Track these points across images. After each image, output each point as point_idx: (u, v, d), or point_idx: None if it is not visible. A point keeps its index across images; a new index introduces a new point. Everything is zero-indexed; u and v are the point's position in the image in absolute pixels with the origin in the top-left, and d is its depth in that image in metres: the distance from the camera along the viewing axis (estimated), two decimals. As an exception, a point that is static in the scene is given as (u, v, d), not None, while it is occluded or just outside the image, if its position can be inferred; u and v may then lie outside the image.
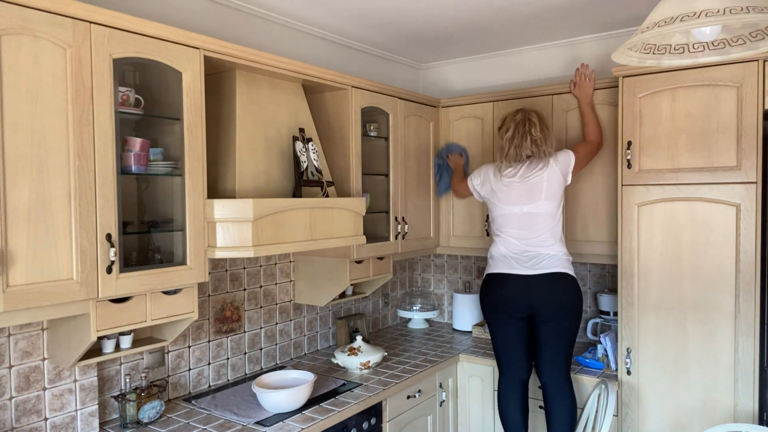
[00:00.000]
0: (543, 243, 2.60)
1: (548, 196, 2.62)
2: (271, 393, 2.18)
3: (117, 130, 1.75)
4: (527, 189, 2.63)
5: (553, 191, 2.63)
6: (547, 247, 2.59)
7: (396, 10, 2.75)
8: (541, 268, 2.57)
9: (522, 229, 2.63)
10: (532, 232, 2.61)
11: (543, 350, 2.60)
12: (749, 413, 2.36)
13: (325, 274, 2.77)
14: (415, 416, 2.74)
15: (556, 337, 2.57)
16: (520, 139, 2.63)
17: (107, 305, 1.77)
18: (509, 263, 2.62)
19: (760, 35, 1.52)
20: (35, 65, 1.55)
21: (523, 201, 2.63)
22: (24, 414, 1.87)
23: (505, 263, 2.64)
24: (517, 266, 2.60)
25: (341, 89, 2.66)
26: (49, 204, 1.59)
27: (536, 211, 2.61)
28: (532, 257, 2.59)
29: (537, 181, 2.62)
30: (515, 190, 2.65)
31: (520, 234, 2.63)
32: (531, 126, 2.63)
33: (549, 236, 2.61)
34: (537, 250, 2.59)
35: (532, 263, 2.58)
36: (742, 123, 2.34)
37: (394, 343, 3.25)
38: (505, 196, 2.67)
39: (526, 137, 2.62)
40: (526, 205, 2.62)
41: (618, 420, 2.66)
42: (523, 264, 2.59)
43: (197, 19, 2.46)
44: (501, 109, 3.12)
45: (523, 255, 2.61)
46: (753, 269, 2.33)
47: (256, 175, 2.25)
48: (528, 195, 2.63)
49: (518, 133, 2.64)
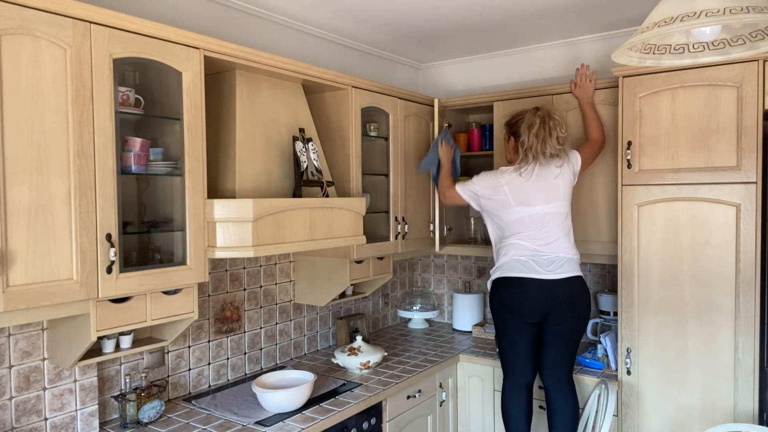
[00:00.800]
0: (561, 246, 2.55)
1: (564, 197, 2.60)
2: (271, 393, 2.18)
3: (117, 130, 1.75)
4: (546, 189, 2.57)
5: (567, 192, 2.62)
6: (564, 250, 2.55)
7: (396, 10, 2.75)
8: (562, 272, 2.52)
9: (539, 229, 2.55)
10: (550, 234, 2.55)
11: (549, 353, 2.57)
12: (749, 413, 2.36)
13: (325, 274, 2.77)
14: (415, 416, 2.74)
15: (564, 340, 2.55)
16: (546, 136, 2.55)
17: (107, 305, 1.77)
18: (529, 266, 2.53)
19: (760, 35, 1.52)
20: (35, 65, 1.55)
21: (543, 201, 2.56)
22: (24, 414, 1.87)
23: (525, 266, 2.54)
24: (539, 269, 2.52)
25: (341, 89, 2.66)
26: (49, 204, 1.59)
27: (555, 212, 2.57)
28: (551, 261, 2.53)
29: (555, 181, 2.58)
30: (534, 190, 2.57)
31: (537, 235, 2.55)
32: (556, 124, 2.56)
33: (565, 239, 2.57)
34: (555, 253, 2.53)
35: (553, 267, 2.52)
36: (742, 123, 2.34)
37: (394, 343, 3.25)
38: (523, 197, 2.57)
39: (552, 134, 2.55)
40: (547, 205, 2.56)
41: (618, 420, 2.66)
42: (544, 267, 2.52)
43: (197, 19, 2.46)
44: (501, 110, 3.12)
45: (541, 258, 2.53)
46: (753, 269, 2.33)
47: (256, 175, 2.25)
48: (547, 195, 2.57)
49: (544, 130, 2.55)
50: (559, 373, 2.57)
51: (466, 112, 3.56)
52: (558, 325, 2.54)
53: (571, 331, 2.55)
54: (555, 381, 2.57)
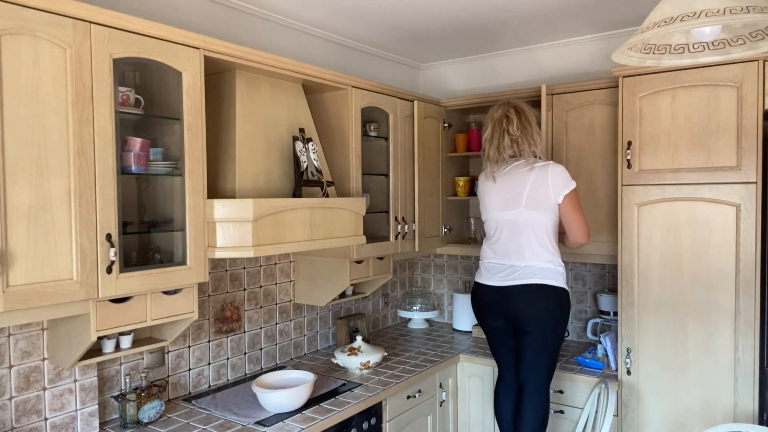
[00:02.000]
0: (521, 256, 2.45)
1: (530, 204, 2.43)
2: (271, 393, 2.18)
3: (117, 130, 1.75)
4: (505, 194, 2.49)
5: (536, 200, 2.42)
6: (524, 259, 2.44)
7: (396, 9, 2.74)
8: (514, 279, 2.44)
9: (500, 237, 2.51)
10: (511, 243, 2.47)
11: (520, 358, 2.53)
12: (749, 413, 2.36)
13: (325, 274, 2.77)
14: (415, 416, 2.74)
15: (528, 348, 2.47)
16: (499, 139, 2.48)
17: (107, 305, 1.77)
18: (488, 272, 2.54)
19: (760, 35, 1.52)
20: (35, 65, 1.55)
21: (501, 207, 2.50)
22: (24, 414, 1.87)
23: (486, 272, 2.56)
24: (494, 275, 2.51)
25: (341, 89, 2.65)
26: (49, 204, 1.59)
27: (517, 220, 2.46)
28: (506, 268, 2.48)
29: (516, 186, 2.46)
30: (495, 193, 2.52)
31: (498, 242, 2.52)
32: (509, 123, 2.47)
33: (529, 250, 2.44)
34: (512, 262, 2.46)
35: (506, 273, 2.47)
36: (742, 123, 2.34)
37: (394, 343, 3.25)
38: (488, 200, 2.56)
39: (504, 136, 2.47)
40: (506, 211, 2.48)
41: (618, 420, 2.66)
42: (497, 273, 2.50)
43: (197, 19, 2.46)
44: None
45: (499, 265, 2.50)
46: (753, 269, 2.33)
47: (256, 175, 2.25)
48: (505, 201, 2.48)
49: (496, 132, 2.49)
50: (530, 381, 2.50)
51: (466, 112, 3.56)
52: (527, 333, 2.47)
53: (533, 341, 2.45)
54: (525, 387, 2.52)
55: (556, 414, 2.80)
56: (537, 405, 2.51)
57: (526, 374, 2.51)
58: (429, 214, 3.22)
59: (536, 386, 2.51)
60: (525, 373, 2.51)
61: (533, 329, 2.44)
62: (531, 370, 2.49)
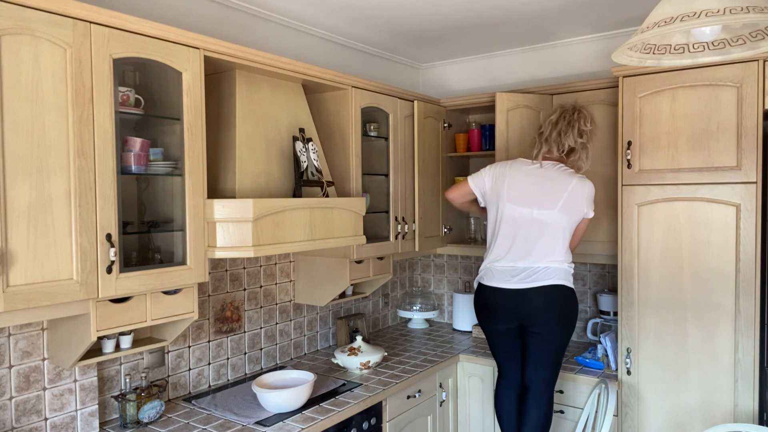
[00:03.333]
0: (541, 257, 2.41)
1: (564, 210, 2.40)
2: (271, 393, 2.18)
3: (117, 130, 1.75)
4: (539, 191, 2.42)
5: (571, 208, 2.40)
6: (543, 260, 2.41)
7: (396, 9, 2.75)
8: (532, 281, 2.41)
9: (517, 236, 2.44)
10: (531, 243, 2.42)
11: (526, 358, 2.52)
12: (749, 413, 2.36)
13: (325, 274, 2.77)
14: (415, 416, 2.74)
15: (535, 349, 2.48)
16: (566, 125, 2.39)
17: (107, 305, 1.77)
18: (500, 275, 2.48)
19: (760, 35, 1.52)
20: (35, 65, 1.55)
21: (528, 203, 2.42)
22: (24, 414, 1.87)
23: (496, 275, 2.49)
24: (508, 278, 2.45)
25: (341, 89, 2.65)
26: (49, 204, 1.59)
27: (547, 221, 2.41)
28: (521, 270, 2.43)
29: (555, 188, 2.40)
30: (525, 189, 2.43)
31: (515, 242, 2.44)
32: (581, 116, 2.42)
33: (552, 252, 2.42)
34: (528, 264, 2.42)
35: (524, 275, 2.43)
36: (742, 123, 2.34)
37: (394, 343, 3.25)
38: (513, 193, 2.44)
39: (574, 125, 2.40)
40: (536, 209, 2.41)
41: (618, 420, 2.66)
42: (514, 276, 2.44)
43: (197, 19, 2.46)
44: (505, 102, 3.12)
45: (513, 267, 2.44)
46: (753, 269, 2.33)
47: (256, 175, 2.25)
48: (537, 198, 2.41)
49: (564, 119, 2.41)
50: (536, 380, 2.50)
51: (466, 112, 3.57)
52: (536, 333, 2.46)
53: (543, 341, 2.45)
54: (531, 386, 2.52)
55: (556, 414, 2.79)
56: (542, 406, 2.52)
57: (533, 375, 2.51)
58: (429, 214, 3.22)
59: (542, 387, 2.51)
60: (532, 373, 2.51)
61: (545, 330, 2.44)
62: (538, 371, 2.49)
